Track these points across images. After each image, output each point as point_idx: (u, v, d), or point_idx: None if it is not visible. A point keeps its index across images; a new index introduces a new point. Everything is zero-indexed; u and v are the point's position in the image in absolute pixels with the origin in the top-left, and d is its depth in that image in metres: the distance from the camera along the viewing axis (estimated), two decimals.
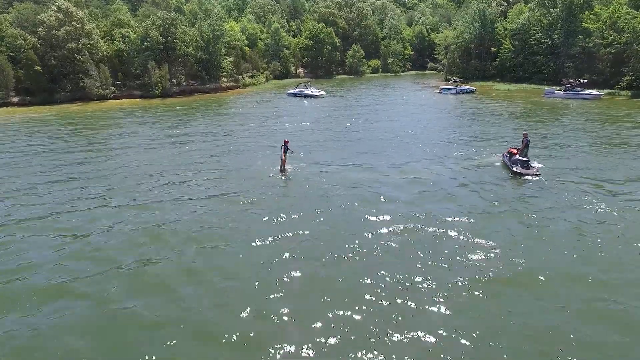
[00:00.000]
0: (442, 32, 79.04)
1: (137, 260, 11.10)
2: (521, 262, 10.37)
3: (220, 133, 28.69)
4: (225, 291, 9.60)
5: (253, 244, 11.76)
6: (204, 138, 27.07)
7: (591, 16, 47.30)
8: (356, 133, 27.14)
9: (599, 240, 11.36)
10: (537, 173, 16.52)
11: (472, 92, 48.54)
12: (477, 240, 11.51)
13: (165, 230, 12.87)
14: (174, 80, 54.45)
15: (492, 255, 10.71)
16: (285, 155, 18.30)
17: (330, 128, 29.24)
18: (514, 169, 16.86)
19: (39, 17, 47.60)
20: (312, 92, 47.30)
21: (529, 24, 54.60)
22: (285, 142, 18.45)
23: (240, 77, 62.32)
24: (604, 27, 45.97)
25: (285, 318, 8.57)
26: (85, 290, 9.78)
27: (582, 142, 22.97)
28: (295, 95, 47.93)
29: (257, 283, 9.80)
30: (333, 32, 78.80)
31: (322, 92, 47.94)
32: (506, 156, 18.06)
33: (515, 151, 17.29)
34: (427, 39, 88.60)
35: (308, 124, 30.98)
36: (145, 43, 51.20)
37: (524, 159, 16.76)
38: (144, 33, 51.56)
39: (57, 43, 46.90)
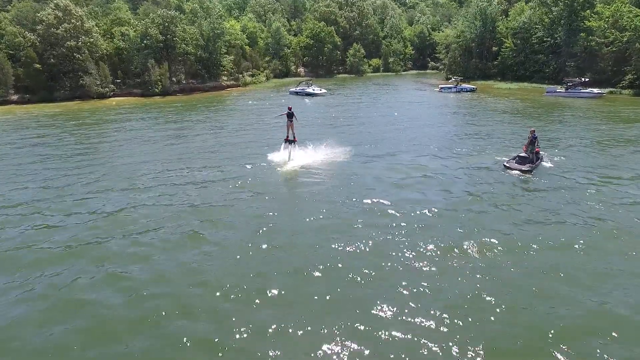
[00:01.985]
0: (443, 31, 78.84)
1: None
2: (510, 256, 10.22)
3: (220, 128, 28.63)
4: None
5: (246, 227, 12.14)
6: (204, 133, 27.08)
7: (593, 15, 47.07)
8: (356, 129, 27.00)
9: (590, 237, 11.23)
10: (528, 169, 16.16)
11: (472, 90, 48.33)
12: (464, 230, 11.57)
13: (159, 212, 13.49)
14: (173, 79, 54.25)
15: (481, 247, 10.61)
16: (290, 121, 18.14)
17: (332, 124, 29.11)
18: (505, 164, 16.74)
19: (39, 15, 47.33)
20: (313, 90, 47.20)
21: (531, 23, 54.42)
22: (289, 108, 18.32)
23: (240, 75, 62.10)
24: (605, 25, 45.74)
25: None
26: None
27: (583, 139, 22.78)
28: (297, 93, 47.80)
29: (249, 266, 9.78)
30: (334, 31, 78.56)
31: (323, 91, 47.83)
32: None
33: (524, 148, 17.07)
34: (428, 38, 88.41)
35: (310, 120, 30.78)
36: (145, 41, 50.95)
37: (522, 154, 16.63)
38: (144, 31, 51.33)
39: (56, 41, 46.62)
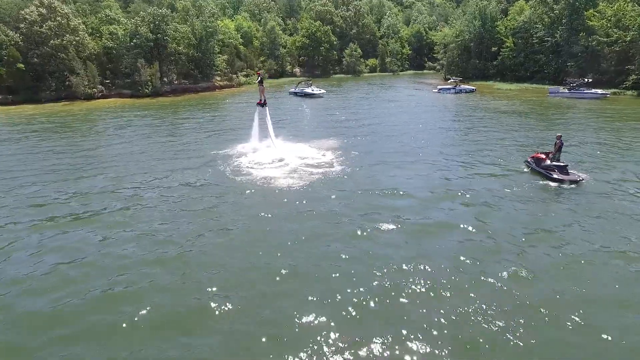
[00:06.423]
0: (440, 31, 77.80)
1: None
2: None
3: (216, 128, 27.67)
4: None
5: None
6: (197, 133, 26.27)
7: (595, 14, 46.23)
8: (356, 130, 26.08)
9: None
10: (580, 179, 14.81)
11: (471, 91, 47.23)
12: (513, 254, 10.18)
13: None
14: (165, 79, 52.43)
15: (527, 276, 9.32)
16: (261, 86, 19.91)
17: (331, 125, 28.36)
18: (554, 176, 14.98)
19: (22, 12, 45.19)
20: (312, 90, 46.38)
21: (531, 22, 53.48)
22: (259, 74, 21.40)
23: (234, 76, 60.46)
24: (608, 24, 44.87)
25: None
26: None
27: (601, 143, 21.48)
28: (296, 94, 47.09)
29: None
30: (330, 31, 77.11)
31: (322, 91, 47.09)
32: (531, 162, 16.28)
33: (543, 156, 15.54)
34: (425, 38, 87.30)
35: (309, 120, 30.25)
36: (135, 40, 49.03)
37: (561, 163, 15.03)
38: (134, 30, 49.41)
39: (40, 39, 44.60)
